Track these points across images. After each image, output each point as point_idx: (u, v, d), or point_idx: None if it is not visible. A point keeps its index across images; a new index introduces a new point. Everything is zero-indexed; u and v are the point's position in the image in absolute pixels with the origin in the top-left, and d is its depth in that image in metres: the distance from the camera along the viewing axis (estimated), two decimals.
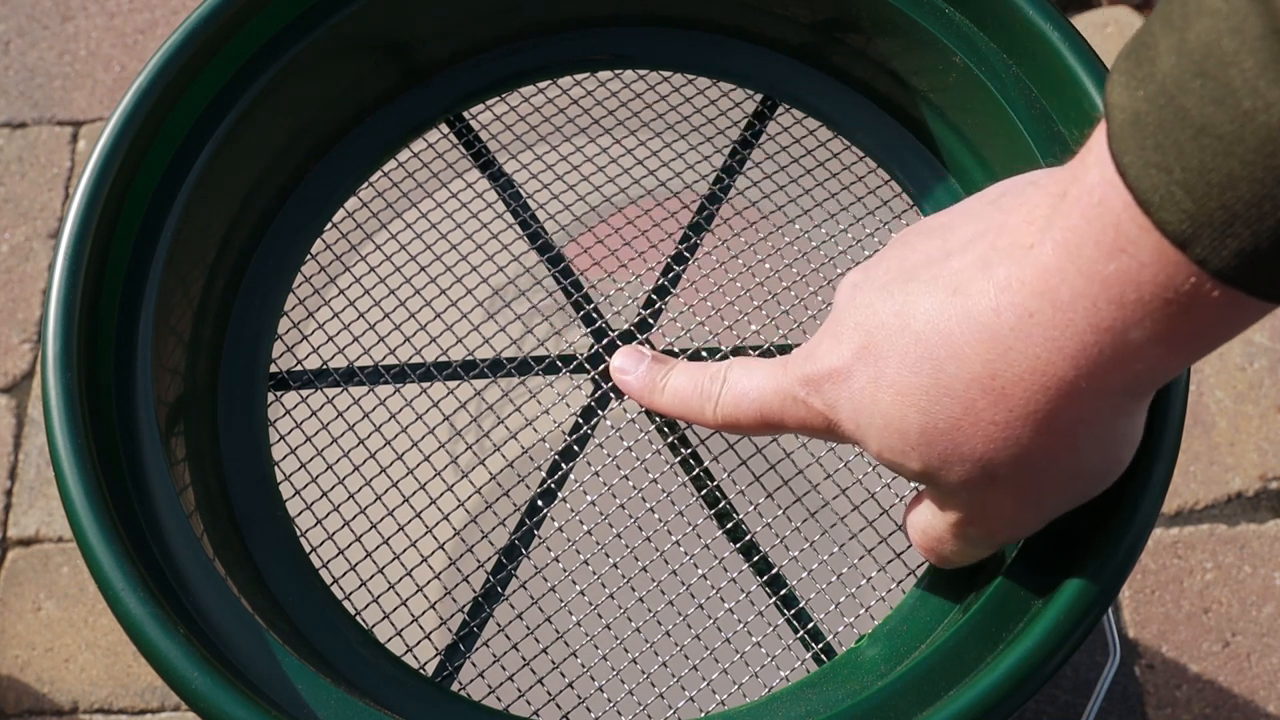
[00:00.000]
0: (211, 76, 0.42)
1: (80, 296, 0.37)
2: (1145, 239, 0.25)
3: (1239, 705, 0.84)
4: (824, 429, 0.34)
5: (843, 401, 0.32)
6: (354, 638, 0.39)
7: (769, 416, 0.35)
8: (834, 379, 0.32)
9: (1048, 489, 0.31)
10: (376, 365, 0.44)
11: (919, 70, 0.45)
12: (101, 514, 0.34)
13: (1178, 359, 0.27)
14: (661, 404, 0.39)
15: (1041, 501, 0.31)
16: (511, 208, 0.47)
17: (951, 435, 0.30)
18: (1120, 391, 0.28)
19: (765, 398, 0.35)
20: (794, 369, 0.34)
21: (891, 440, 0.31)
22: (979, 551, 0.35)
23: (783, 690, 0.37)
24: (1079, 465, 0.30)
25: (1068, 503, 0.32)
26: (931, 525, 0.34)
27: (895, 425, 0.31)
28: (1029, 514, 0.32)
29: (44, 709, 0.89)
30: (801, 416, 0.34)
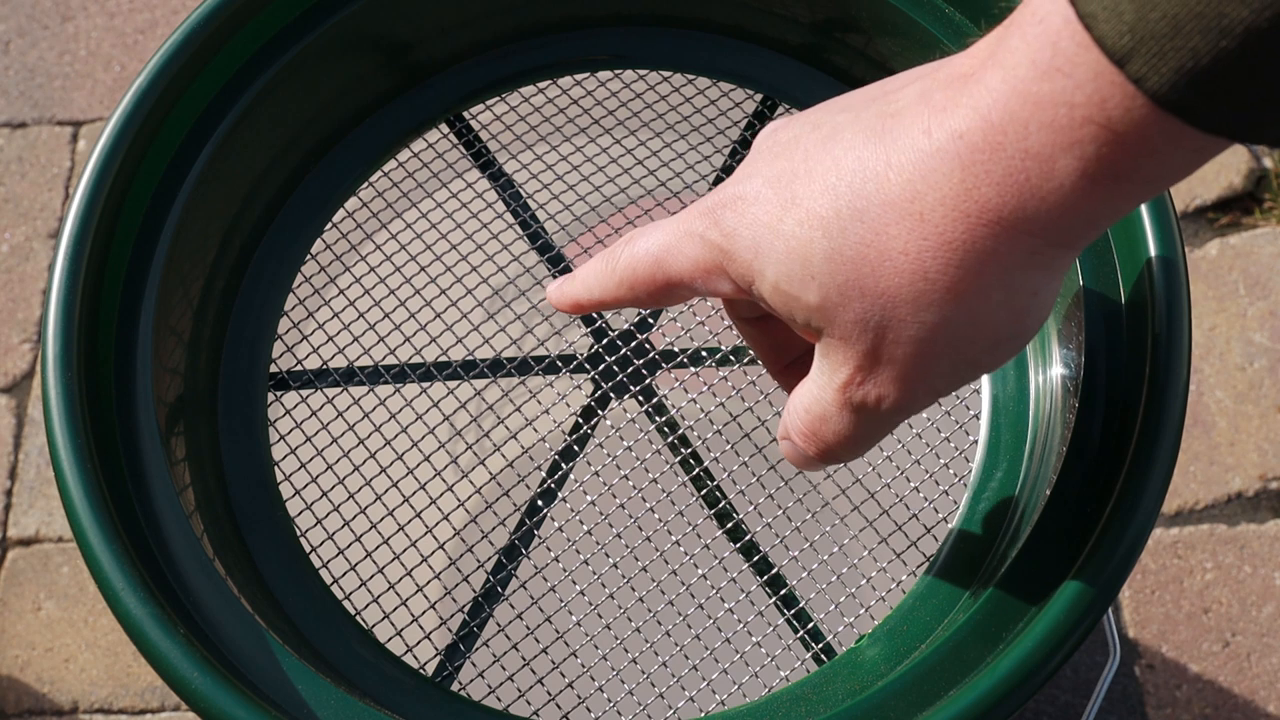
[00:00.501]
0: (211, 76, 0.43)
1: (80, 297, 0.37)
2: (1082, 56, 0.24)
3: (1239, 705, 0.84)
4: (717, 268, 0.31)
5: (743, 228, 0.30)
6: (354, 638, 0.39)
7: (665, 263, 0.32)
8: (737, 204, 0.30)
9: (944, 340, 0.28)
10: (376, 365, 0.44)
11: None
12: (101, 514, 0.34)
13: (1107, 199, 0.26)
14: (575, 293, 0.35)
15: (936, 360, 0.29)
16: (511, 208, 0.47)
17: (857, 264, 0.28)
18: (1041, 233, 0.26)
19: (662, 242, 0.32)
20: (694, 207, 0.32)
21: (792, 267, 0.29)
22: (864, 430, 0.31)
23: (783, 690, 0.37)
24: (986, 316, 0.28)
25: (962, 370, 0.30)
26: (817, 398, 0.31)
27: (798, 251, 0.29)
28: (921, 374, 0.29)
29: (44, 709, 0.89)
30: (695, 254, 0.31)
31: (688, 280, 0.32)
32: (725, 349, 0.44)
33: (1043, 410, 0.41)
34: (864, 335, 0.29)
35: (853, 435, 0.32)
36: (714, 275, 0.31)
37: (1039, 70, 0.25)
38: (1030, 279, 0.28)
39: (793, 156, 0.30)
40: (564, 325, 0.46)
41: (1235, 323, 0.96)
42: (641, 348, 0.44)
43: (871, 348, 0.29)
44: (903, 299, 0.28)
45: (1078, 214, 0.26)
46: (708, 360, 0.44)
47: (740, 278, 0.30)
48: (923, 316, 0.28)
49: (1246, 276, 0.98)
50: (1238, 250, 0.99)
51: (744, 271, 0.30)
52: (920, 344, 0.29)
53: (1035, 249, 0.27)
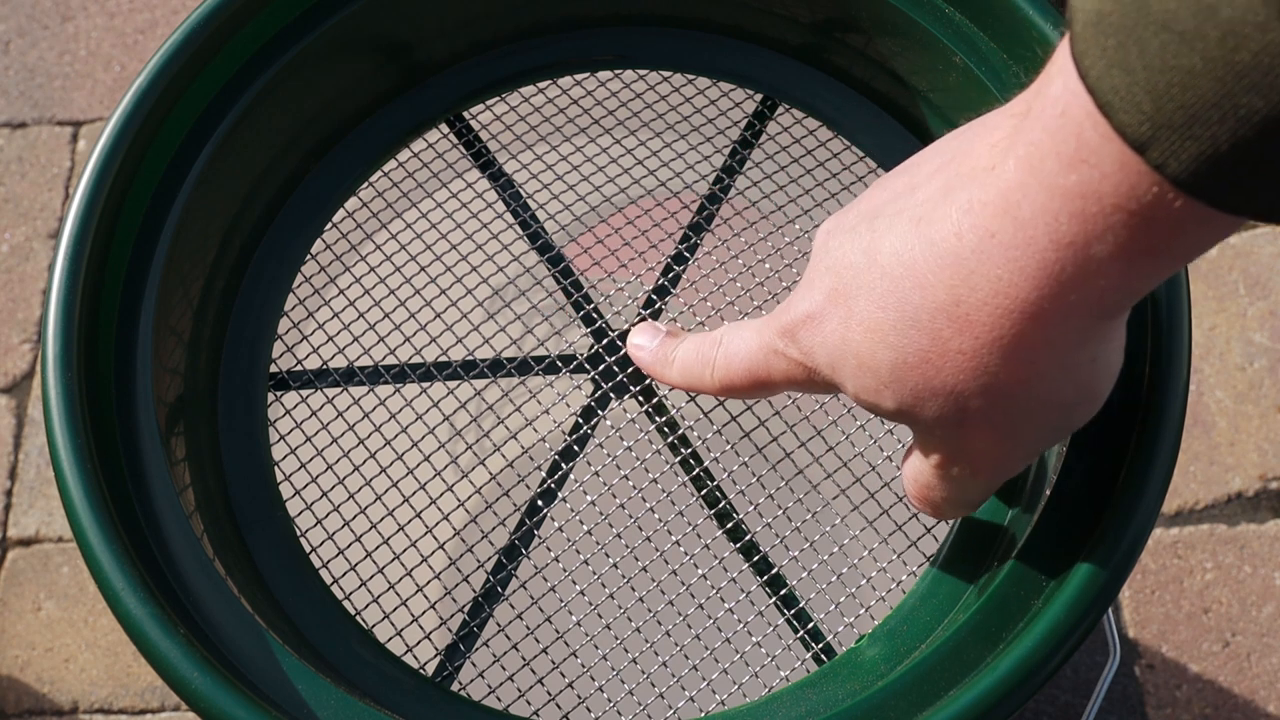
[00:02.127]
0: (212, 76, 0.43)
1: (80, 297, 0.37)
2: (1106, 147, 0.24)
3: (1239, 705, 0.84)
4: (805, 379, 0.33)
5: (817, 346, 0.32)
6: (354, 638, 0.39)
7: (757, 374, 0.35)
8: (808, 325, 0.32)
9: (1021, 420, 0.30)
10: (376, 365, 0.44)
11: (919, 70, 0.45)
12: (101, 514, 0.34)
13: (1142, 276, 0.26)
14: (671, 376, 0.39)
15: (1018, 434, 0.31)
16: (511, 208, 0.47)
17: (922, 369, 0.29)
18: (1085, 313, 0.27)
19: (752, 355, 0.35)
20: (773, 322, 0.34)
21: (865, 380, 0.31)
22: (968, 494, 0.34)
23: (783, 690, 0.37)
24: (1049, 393, 0.29)
25: (1046, 435, 0.31)
26: (919, 471, 0.34)
27: (868, 364, 0.30)
28: (1007, 448, 0.31)
29: (44, 709, 0.89)
30: (784, 369, 0.34)
31: (780, 386, 0.35)
32: None
33: None
34: (946, 429, 0.31)
35: (958, 498, 0.34)
36: (803, 384, 0.34)
37: (1064, 163, 0.25)
38: (1085, 351, 0.29)
39: (843, 271, 0.31)
40: (564, 325, 0.46)
41: (1235, 323, 0.96)
42: None
43: (955, 438, 0.31)
44: (971, 393, 0.29)
45: (1118, 291, 0.27)
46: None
47: (826, 385, 0.33)
48: (994, 406, 0.30)
49: (1246, 276, 0.98)
50: (1238, 250, 0.99)
51: (828, 381, 0.33)
52: (999, 428, 0.30)
53: (1083, 329, 0.28)
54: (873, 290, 0.30)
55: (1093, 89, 0.24)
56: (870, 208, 0.32)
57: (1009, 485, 0.40)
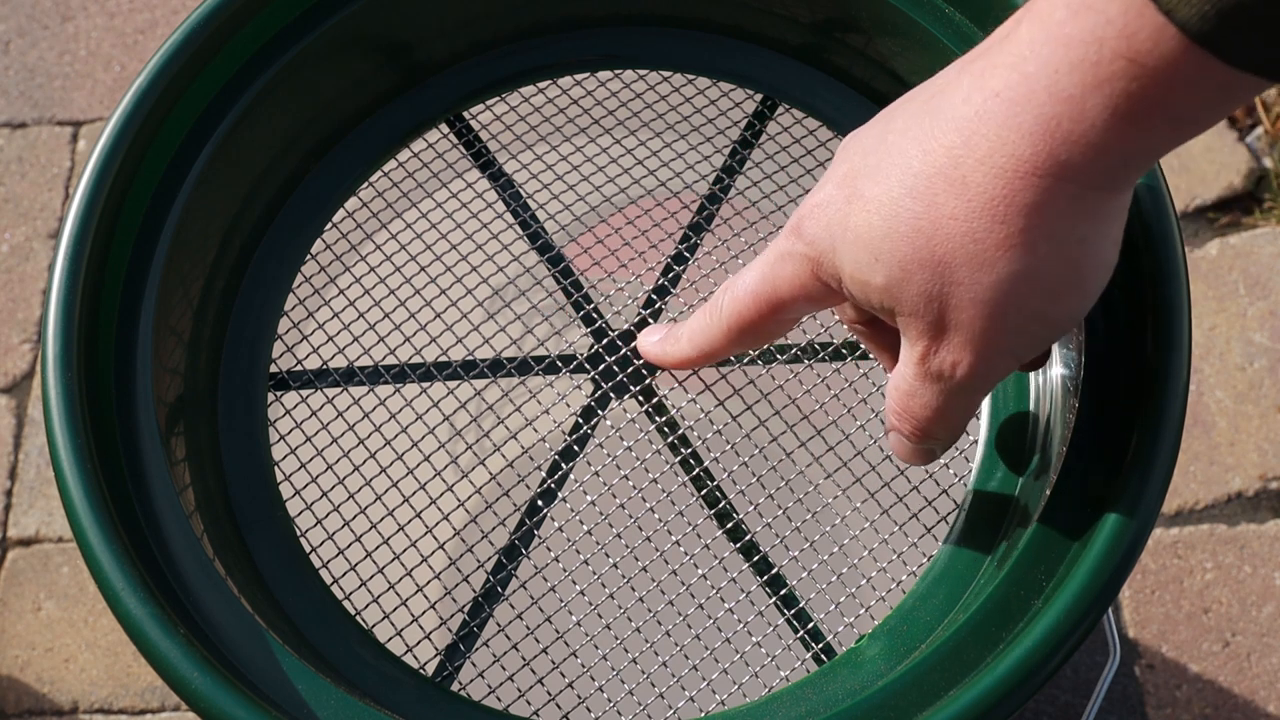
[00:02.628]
0: (211, 76, 0.43)
1: (80, 297, 0.37)
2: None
3: (1239, 705, 0.84)
4: (811, 276, 0.32)
5: (820, 230, 0.31)
6: (354, 638, 0.39)
7: (764, 293, 0.34)
8: (814, 213, 0.31)
9: (1003, 298, 0.29)
10: (376, 365, 0.44)
11: (919, 70, 0.45)
12: (101, 514, 0.34)
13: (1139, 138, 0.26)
14: (683, 350, 0.37)
15: (999, 314, 0.29)
16: (511, 208, 0.47)
17: (912, 238, 0.29)
18: (1079, 178, 0.27)
19: (760, 275, 0.34)
20: (784, 228, 0.33)
21: (859, 254, 0.30)
22: (949, 401, 0.32)
23: (783, 690, 0.37)
24: (1036, 269, 0.28)
25: (1030, 326, 0.30)
26: (901, 375, 0.32)
27: (863, 236, 0.30)
28: (988, 335, 0.30)
29: (44, 709, 0.89)
30: (791, 272, 0.33)
31: (789, 298, 0.33)
32: None
33: (1042, 410, 0.41)
34: (930, 306, 0.30)
35: (940, 408, 0.32)
36: (810, 285, 0.32)
37: (1071, 10, 0.25)
38: (1076, 227, 0.28)
39: (854, 157, 0.31)
40: (564, 325, 0.46)
41: (1235, 323, 0.96)
42: None
43: (938, 316, 0.30)
44: (958, 263, 0.28)
45: (1111, 154, 0.26)
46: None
47: (830, 278, 0.32)
48: (978, 276, 0.29)
49: (1246, 276, 0.98)
50: (1238, 250, 0.99)
51: (831, 271, 0.31)
52: (981, 305, 0.29)
53: (1074, 194, 0.27)
54: (879, 167, 0.30)
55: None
56: (890, 108, 0.32)
57: (1010, 487, 0.40)
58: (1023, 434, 0.41)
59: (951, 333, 0.30)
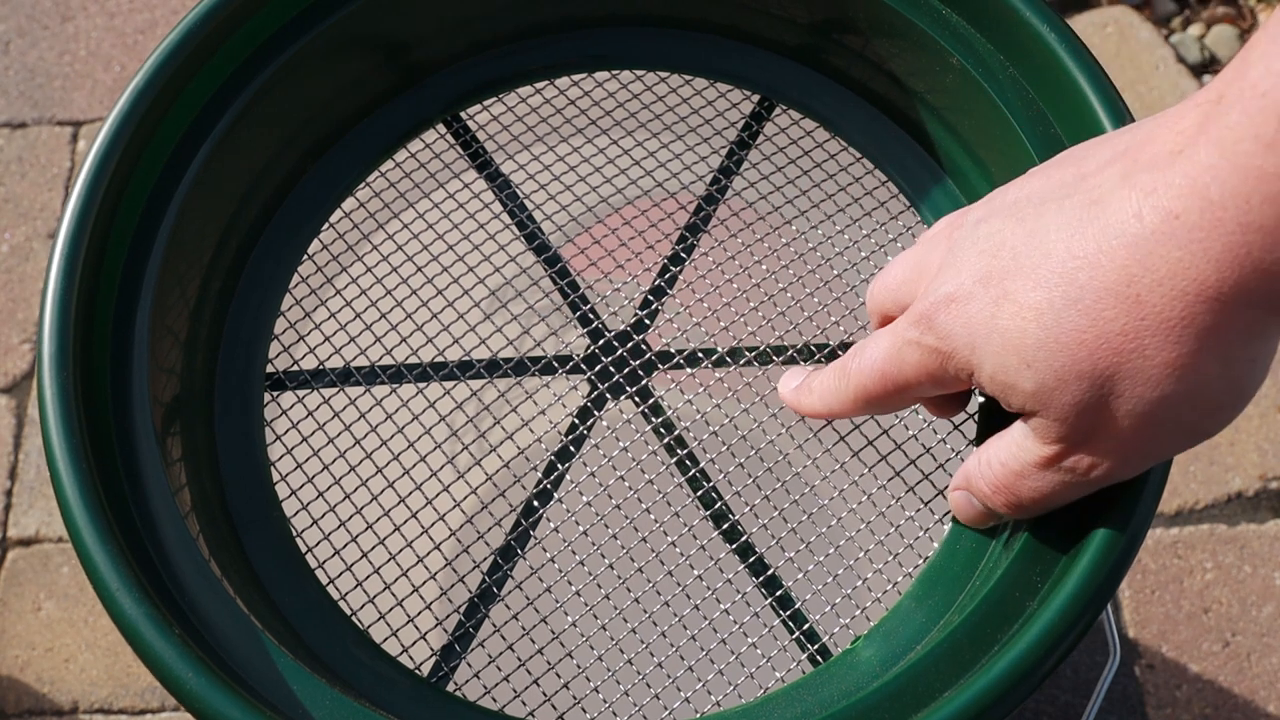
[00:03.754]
0: (209, 76, 0.43)
1: (76, 297, 0.37)
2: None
3: (1239, 705, 0.84)
4: (939, 368, 0.32)
5: (958, 327, 0.31)
6: (350, 638, 0.39)
7: (889, 373, 0.34)
8: (950, 305, 0.31)
9: (1167, 417, 0.29)
10: (373, 366, 0.44)
11: (916, 71, 0.45)
12: (97, 514, 0.34)
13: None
14: (813, 404, 0.38)
15: (1153, 432, 0.29)
16: (508, 208, 0.47)
17: (1073, 350, 0.28)
18: (1261, 303, 0.26)
19: (885, 354, 0.34)
20: (908, 314, 0.33)
21: (1008, 359, 0.30)
22: (1064, 492, 0.32)
23: (778, 691, 0.37)
24: (1201, 389, 0.28)
25: (1178, 439, 0.30)
26: (1017, 458, 0.32)
27: (1013, 342, 0.29)
28: (1138, 446, 0.30)
29: (44, 709, 0.89)
30: (917, 360, 0.32)
31: (914, 385, 0.34)
32: (721, 350, 0.44)
33: None
34: (1082, 416, 0.30)
35: (1051, 495, 0.33)
36: (937, 376, 0.33)
37: (1263, 144, 0.25)
38: (1249, 349, 0.28)
39: (999, 253, 0.30)
40: (560, 326, 0.46)
41: None
42: (638, 349, 0.44)
43: (1089, 425, 0.30)
44: (1120, 377, 0.28)
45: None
46: (704, 361, 0.44)
47: (960, 372, 0.32)
48: (1140, 392, 0.28)
49: None
50: None
51: (963, 367, 0.32)
52: (1138, 418, 0.29)
53: (1256, 320, 0.27)
54: (1034, 271, 0.29)
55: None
56: (1032, 194, 0.31)
57: None
58: None
59: (1099, 440, 0.30)
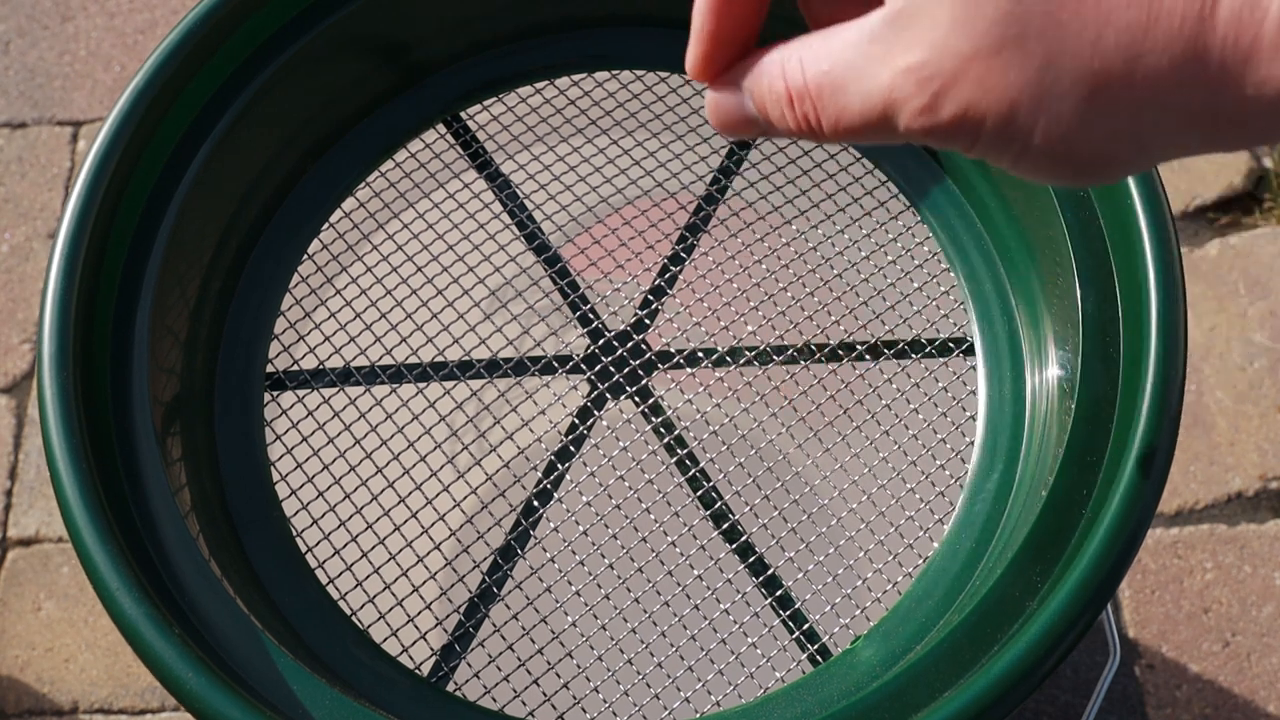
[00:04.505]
0: (209, 77, 0.42)
1: (76, 297, 0.37)
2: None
3: (1239, 705, 0.84)
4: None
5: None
6: (350, 638, 0.39)
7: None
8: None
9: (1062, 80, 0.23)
10: (373, 366, 0.44)
11: None
12: (97, 514, 0.34)
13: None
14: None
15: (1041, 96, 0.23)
16: (508, 208, 0.47)
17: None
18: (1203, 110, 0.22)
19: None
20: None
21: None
22: (880, 133, 0.25)
23: (778, 691, 0.37)
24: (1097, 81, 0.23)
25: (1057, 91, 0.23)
26: (850, 63, 0.25)
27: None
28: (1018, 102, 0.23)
29: (44, 709, 0.89)
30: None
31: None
32: (721, 350, 0.44)
33: (1039, 412, 0.41)
34: (988, 33, 0.23)
35: (858, 126, 0.25)
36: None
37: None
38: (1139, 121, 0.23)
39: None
40: (560, 326, 0.46)
41: (1235, 323, 0.96)
42: (638, 349, 0.44)
43: (982, 51, 0.23)
44: (1073, 31, 0.22)
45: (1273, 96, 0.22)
46: (704, 361, 0.44)
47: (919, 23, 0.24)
48: (1047, 6, 0.22)
49: (1246, 276, 0.98)
50: (1238, 250, 0.99)
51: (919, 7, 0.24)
52: (1040, 82, 0.23)
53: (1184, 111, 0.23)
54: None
55: None
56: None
57: (1006, 489, 0.40)
58: (1018, 436, 0.41)
59: (970, 79, 0.23)
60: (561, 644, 0.40)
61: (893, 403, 0.43)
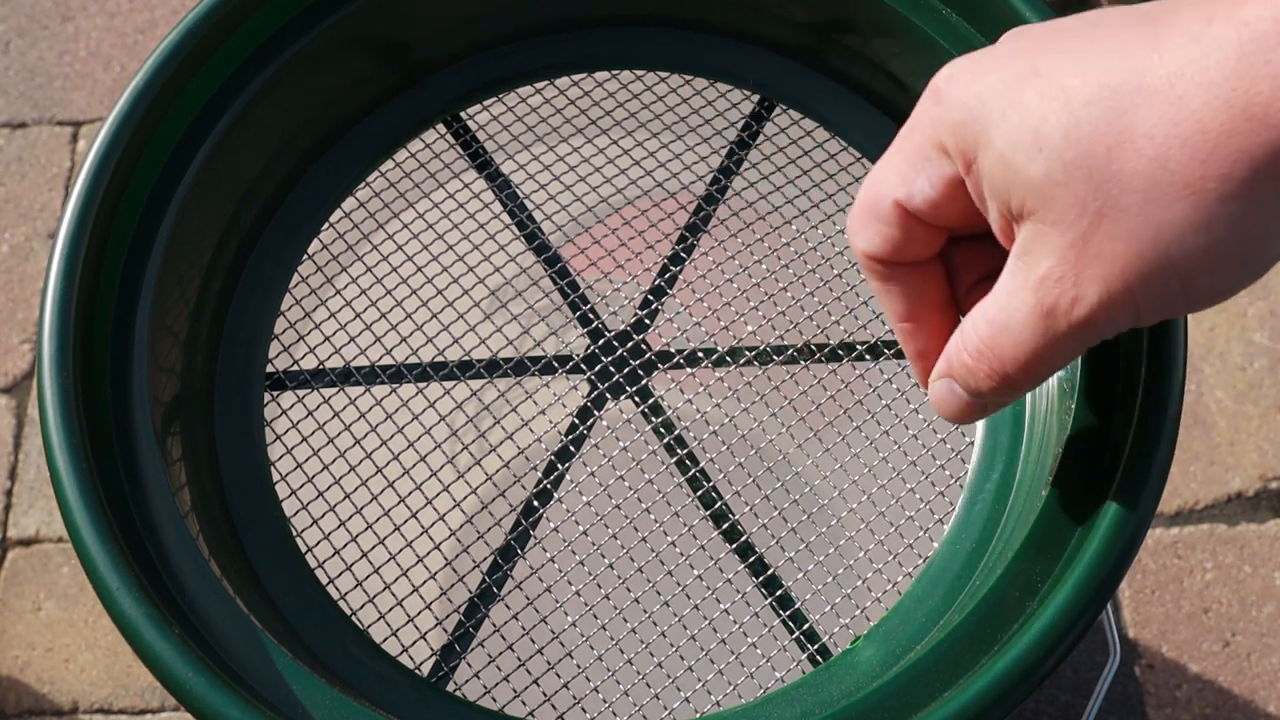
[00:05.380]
0: (209, 76, 0.43)
1: (76, 297, 0.37)
2: None
3: (1239, 705, 0.84)
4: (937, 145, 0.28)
5: (971, 96, 0.27)
6: (350, 638, 0.39)
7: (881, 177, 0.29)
8: (964, 76, 0.28)
9: (1166, 244, 0.25)
10: (373, 366, 0.44)
11: (916, 71, 0.45)
12: (97, 514, 0.34)
13: None
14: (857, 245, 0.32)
15: (1151, 259, 0.26)
16: (508, 208, 0.47)
17: (1091, 142, 0.25)
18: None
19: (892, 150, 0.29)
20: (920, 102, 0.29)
21: (1022, 136, 0.26)
22: (1046, 345, 0.28)
23: (778, 691, 0.37)
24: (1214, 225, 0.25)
25: (1174, 282, 0.26)
26: (1002, 305, 0.28)
27: (1032, 121, 0.26)
28: (1128, 273, 0.26)
29: (44, 709, 0.89)
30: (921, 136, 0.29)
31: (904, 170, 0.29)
32: (721, 350, 0.44)
33: (1039, 411, 0.41)
34: (1079, 220, 0.26)
35: (1033, 350, 0.28)
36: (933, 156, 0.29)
37: None
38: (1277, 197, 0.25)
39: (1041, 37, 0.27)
40: (560, 326, 0.46)
41: (1235, 323, 0.96)
42: (638, 349, 0.44)
43: (1083, 235, 0.26)
44: (1133, 186, 0.25)
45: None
46: (704, 361, 0.44)
47: (962, 149, 0.28)
48: (1149, 210, 0.25)
49: None
50: None
51: (968, 141, 0.28)
52: (1137, 240, 0.26)
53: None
54: (1077, 57, 0.26)
55: None
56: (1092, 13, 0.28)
57: (1006, 489, 0.40)
58: (1018, 436, 0.41)
59: (1089, 261, 0.26)
60: (561, 644, 0.40)
61: (893, 403, 0.43)
